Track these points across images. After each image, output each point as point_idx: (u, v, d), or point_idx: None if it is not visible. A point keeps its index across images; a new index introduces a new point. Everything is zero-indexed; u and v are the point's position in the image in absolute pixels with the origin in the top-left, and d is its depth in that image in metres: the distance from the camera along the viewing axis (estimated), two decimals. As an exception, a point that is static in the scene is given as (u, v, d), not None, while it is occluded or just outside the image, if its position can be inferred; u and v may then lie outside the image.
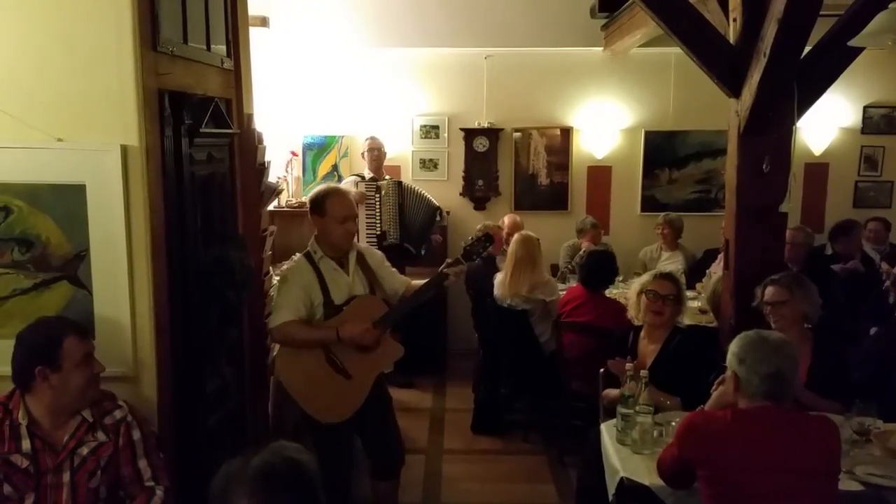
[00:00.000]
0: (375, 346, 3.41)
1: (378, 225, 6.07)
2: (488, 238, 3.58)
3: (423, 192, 6.32)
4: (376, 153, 6.27)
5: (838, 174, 7.00)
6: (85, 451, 2.43)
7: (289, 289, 3.40)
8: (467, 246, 3.55)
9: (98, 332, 2.56)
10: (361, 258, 3.56)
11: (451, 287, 3.58)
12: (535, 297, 4.89)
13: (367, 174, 6.23)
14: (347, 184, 6.09)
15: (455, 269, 3.44)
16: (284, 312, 3.34)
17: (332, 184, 4.60)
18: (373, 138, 6.34)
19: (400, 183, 6.26)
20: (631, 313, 3.82)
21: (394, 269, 3.72)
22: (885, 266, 5.42)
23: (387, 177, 6.30)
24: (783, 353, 2.44)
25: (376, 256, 3.69)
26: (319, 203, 3.42)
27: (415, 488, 4.44)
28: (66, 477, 2.40)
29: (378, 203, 6.09)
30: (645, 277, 3.80)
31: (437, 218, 6.34)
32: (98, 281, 2.56)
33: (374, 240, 5.97)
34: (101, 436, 2.45)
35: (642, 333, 3.69)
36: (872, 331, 4.74)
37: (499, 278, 5.04)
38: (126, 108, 2.48)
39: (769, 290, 3.41)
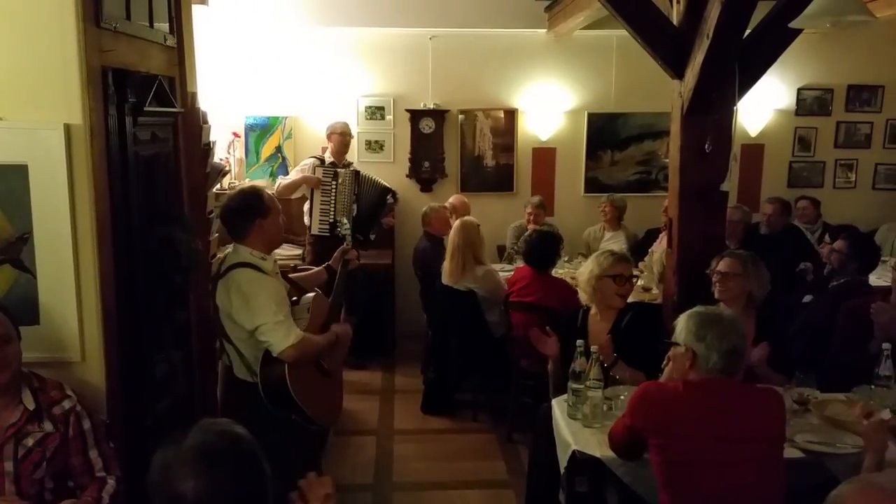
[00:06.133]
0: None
1: (332, 213, 5.92)
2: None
3: (378, 178, 6.22)
4: (347, 139, 6.15)
5: (773, 155, 7.21)
6: (30, 441, 2.35)
7: (273, 304, 3.07)
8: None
9: (43, 316, 2.49)
10: None
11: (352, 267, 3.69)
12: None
13: (328, 158, 6.05)
14: (305, 167, 5.99)
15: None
16: (292, 328, 3.05)
17: (255, 182, 4.54)
18: (345, 124, 6.19)
19: (357, 173, 6.11)
20: (583, 297, 3.74)
21: None
22: (827, 239, 5.64)
23: (346, 163, 6.16)
24: (738, 329, 2.52)
25: None
26: (257, 203, 3.18)
27: (366, 469, 4.46)
28: (9, 466, 2.32)
29: (333, 191, 5.96)
30: (603, 262, 3.62)
31: (390, 200, 6.20)
32: (42, 264, 2.48)
33: (327, 227, 5.85)
34: (47, 426, 2.38)
35: (593, 311, 3.69)
36: (807, 298, 4.93)
37: (444, 265, 5.07)
38: (69, 85, 2.39)
39: (724, 261, 3.50)
